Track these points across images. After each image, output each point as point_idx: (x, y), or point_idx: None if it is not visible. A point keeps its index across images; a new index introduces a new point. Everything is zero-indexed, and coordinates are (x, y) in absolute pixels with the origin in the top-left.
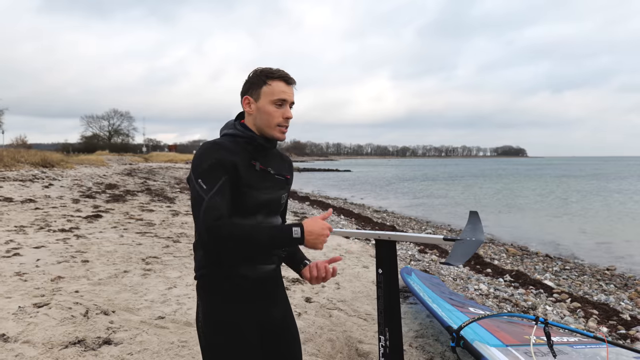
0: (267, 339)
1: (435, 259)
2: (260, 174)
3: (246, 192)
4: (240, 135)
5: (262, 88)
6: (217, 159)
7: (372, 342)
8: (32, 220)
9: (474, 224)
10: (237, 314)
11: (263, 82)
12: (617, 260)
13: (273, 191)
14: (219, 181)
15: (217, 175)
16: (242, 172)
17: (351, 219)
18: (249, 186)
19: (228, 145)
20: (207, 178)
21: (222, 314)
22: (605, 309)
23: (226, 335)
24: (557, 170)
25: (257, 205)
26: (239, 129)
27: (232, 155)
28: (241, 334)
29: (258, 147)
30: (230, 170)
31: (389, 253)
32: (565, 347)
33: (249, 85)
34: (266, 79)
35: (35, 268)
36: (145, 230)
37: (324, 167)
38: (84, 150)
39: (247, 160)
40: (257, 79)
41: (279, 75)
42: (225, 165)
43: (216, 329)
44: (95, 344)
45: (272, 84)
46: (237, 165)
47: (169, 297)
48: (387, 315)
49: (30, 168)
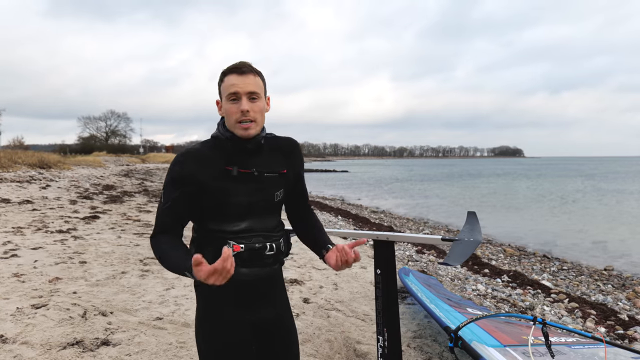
0: (262, 341)
1: (433, 260)
2: (239, 178)
3: (222, 200)
4: (221, 138)
5: (220, 87)
6: (177, 174)
7: (371, 343)
8: (30, 221)
9: (471, 225)
10: (230, 315)
11: (221, 81)
12: (615, 260)
13: (260, 192)
14: (171, 197)
15: (172, 191)
16: (211, 181)
17: (348, 220)
18: (225, 193)
19: (200, 154)
20: (165, 192)
21: (215, 315)
22: (603, 309)
23: (219, 336)
24: (554, 170)
25: (240, 210)
26: (220, 131)
27: (199, 167)
28: (234, 336)
29: (238, 148)
30: (189, 184)
31: (387, 253)
32: (563, 348)
33: (217, 87)
34: (222, 76)
35: (33, 269)
36: (142, 231)
37: (321, 167)
38: (81, 151)
39: (221, 167)
40: (219, 79)
41: (230, 68)
42: (185, 180)
43: (209, 330)
44: (94, 345)
45: (225, 79)
46: (202, 177)
47: (167, 298)
48: (385, 316)
49: (27, 169)
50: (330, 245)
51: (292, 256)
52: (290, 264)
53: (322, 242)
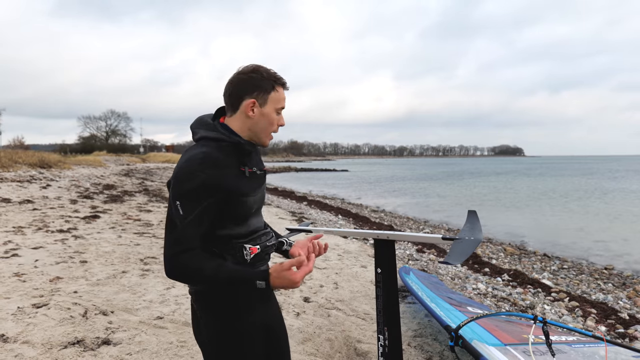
0: (268, 337)
1: (433, 259)
2: (250, 178)
3: (239, 201)
4: (225, 140)
5: (270, 94)
6: (202, 182)
7: (371, 342)
8: (30, 221)
9: (472, 223)
10: (245, 322)
11: (271, 88)
12: (615, 259)
13: (260, 189)
14: (197, 209)
15: (196, 202)
16: (233, 184)
17: (349, 219)
18: (243, 194)
19: (217, 158)
20: (186, 203)
21: (230, 324)
22: (603, 308)
23: (236, 345)
24: (554, 169)
25: (249, 210)
26: (222, 132)
27: (220, 171)
28: (252, 341)
29: (244, 152)
30: (214, 192)
31: (388, 252)
32: (563, 346)
33: (253, 87)
34: (274, 84)
35: (34, 269)
36: (143, 230)
37: (321, 167)
38: (81, 150)
39: (237, 168)
40: (266, 83)
41: (282, 81)
42: (210, 188)
43: (226, 339)
44: (94, 344)
45: (279, 90)
46: (226, 182)
47: (168, 297)
48: (386, 315)
49: (27, 169)
50: (288, 240)
51: None
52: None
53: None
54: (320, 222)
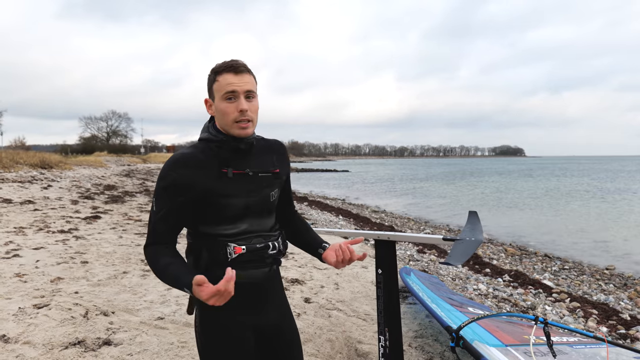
0: (263, 343)
1: (434, 259)
2: (235, 179)
3: (221, 203)
4: (212, 140)
5: (213, 85)
6: (172, 181)
7: (372, 342)
8: (31, 221)
9: (473, 224)
10: (230, 319)
11: (213, 79)
12: (616, 260)
13: (256, 192)
14: (166, 206)
15: (167, 200)
16: (209, 185)
17: (349, 219)
18: (223, 196)
19: (194, 158)
20: (158, 200)
21: (215, 320)
22: (604, 308)
23: (220, 341)
24: (555, 170)
25: (238, 212)
26: (211, 133)
27: (194, 171)
28: (234, 340)
29: (231, 149)
30: (185, 191)
31: (389, 253)
32: (565, 347)
33: (207, 87)
34: (215, 75)
35: (35, 269)
36: (144, 231)
37: (322, 167)
38: (82, 151)
39: (217, 169)
40: (209, 77)
41: (224, 66)
42: (180, 187)
43: (210, 334)
44: (95, 344)
45: (219, 78)
46: (200, 182)
47: (169, 297)
48: (386, 315)
49: (28, 169)
50: (325, 244)
51: (293, 256)
52: (291, 263)
53: (317, 241)
54: (321, 222)
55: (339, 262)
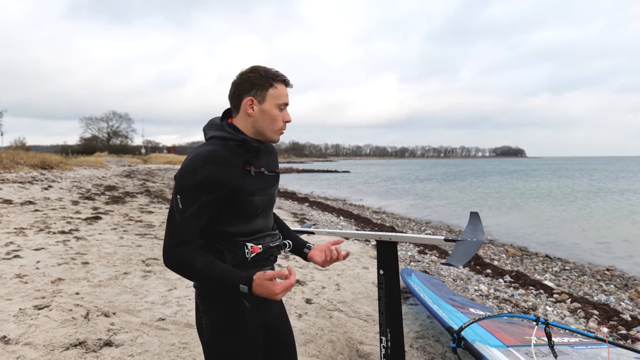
0: (269, 337)
1: (435, 260)
2: (256, 177)
3: (245, 200)
4: (231, 139)
5: (268, 90)
6: (203, 178)
7: (373, 343)
8: (32, 222)
9: (474, 225)
10: (243, 318)
11: (269, 85)
12: (617, 260)
13: (268, 190)
14: (196, 203)
15: (196, 197)
16: (236, 182)
17: (350, 220)
18: (247, 193)
19: (222, 155)
20: (186, 197)
21: (229, 320)
22: (605, 309)
23: (234, 340)
24: (556, 170)
25: (256, 209)
26: (229, 131)
27: (224, 168)
28: (249, 338)
29: (251, 149)
30: (216, 189)
31: (390, 254)
32: (566, 348)
33: (251, 85)
34: (272, 81)
35: (36, 270)
36: (145, 231)
37: (323, 168)
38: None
39: (242, 166)
40: (263, 80)
41: (282, 78)
42: (211, 184)
43: (224, 335)
44: (96, 345)
45: (278, 87)
46: (229, 180)
47: (170, 298)
48: (388, 316)
49: (29, 170)
50: (309, 244)
51: (294, 256)
52: (292, 264)
53: (301, 242)
54: (322, 223)
55: (326, 261)
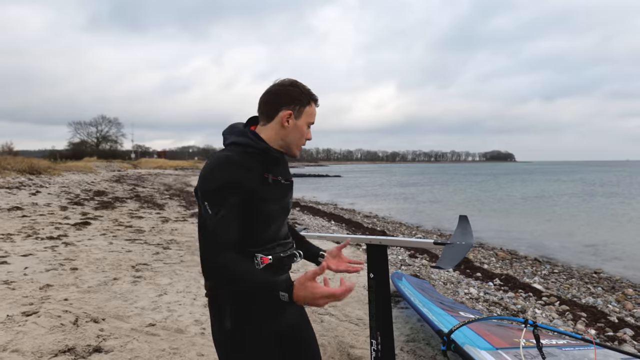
0: (287, 345)
1: (425, 264)
2: (273, 185)
3: (261, 207)
4: (253, 146)
5: (305, 107)
6: (226, 181)
7: (364, 347)
8: (20, 228)
9: (463, 228)
10: (268, 328)
11: (307, 102)
12: (604, 263)
13: (284, 199)
14: (224, 205)
15: (223, 199)
16: (255, 188)
17: (342, 225)
18: (264, 200)
19: (240, 160)
20: (213, 202)
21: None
22: (593, 311)
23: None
24: (544, 175)
25: (272, 216)
26: (251, 139)
27: (244, 172)
28: (266, 347)
29: (271, 159)
30: (239, 191)
31: (381, 257)
32: (554, 350)
33: (291, 99)
34: (310, 100)
35: (24, 276)
36: (134, 237)
37: (314, 172)
38: (71, 156)
39: (261, 174)
40: (304, 97)
41: (316, 98)
42: (234, 186)
43: (250, 346)
44: (86, 352)
45: (313, 106)
46: (248, 183)
47: (160, 304)
48: (378, 319)
49: (16, 175)
50: (322, 252)
51: None
52: None
53: (314, 250)
54: (313, 227)
55: (339, 270)
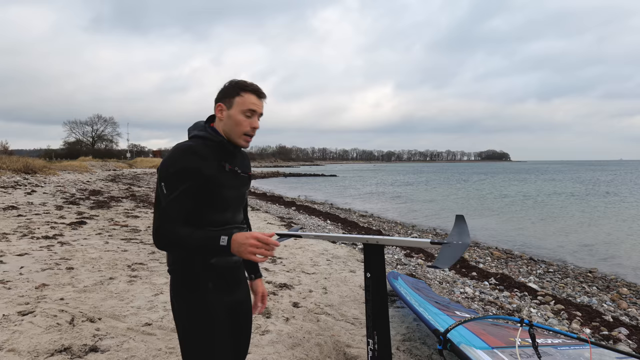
0: (235, 318)
1: (421, 263)
2: (230, 173)
3: (217, 191)
4: (210, 139)
5: (234, 98)
6: (183, 166)
7: (360, 346)
8: (15, 227)
9: (460, 228)
10: (217, 300)
11: (236, 93)
12: (599, 263)
13: (239, 188)
14: (178, 188)
15: (178, 183)
16: (212, 173)
17: (337, 224)
18: (220, 185)
19: (199, 149)
20: (169, 184)
21: (203, 302)
22: (588, 310)
23: (206, 321)
24: (540, 174)
25: (227, 202)
26: (209, 132)
27: (201, 160)
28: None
29: (226, 150)
30: (194, 177)
31: (377, 257)
32: (549, 349)
33: (223, 93)
34: (240, 90)
35: (19, 276)
36: (130, 236)
37: (310, 172)
38: (66, 156)
39: (218, 161)
40: (232, 89)
41: (251, 88)
42: (190, 172)
43: (197, 316)
44: (82, 351)
45: (244, 95)
46: (204, 170)
47: (156, 303)
48: (375, 319)
49: (12, 174)
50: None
51: (282, 260)
52: (280, 268)
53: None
54: (309, 227)
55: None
